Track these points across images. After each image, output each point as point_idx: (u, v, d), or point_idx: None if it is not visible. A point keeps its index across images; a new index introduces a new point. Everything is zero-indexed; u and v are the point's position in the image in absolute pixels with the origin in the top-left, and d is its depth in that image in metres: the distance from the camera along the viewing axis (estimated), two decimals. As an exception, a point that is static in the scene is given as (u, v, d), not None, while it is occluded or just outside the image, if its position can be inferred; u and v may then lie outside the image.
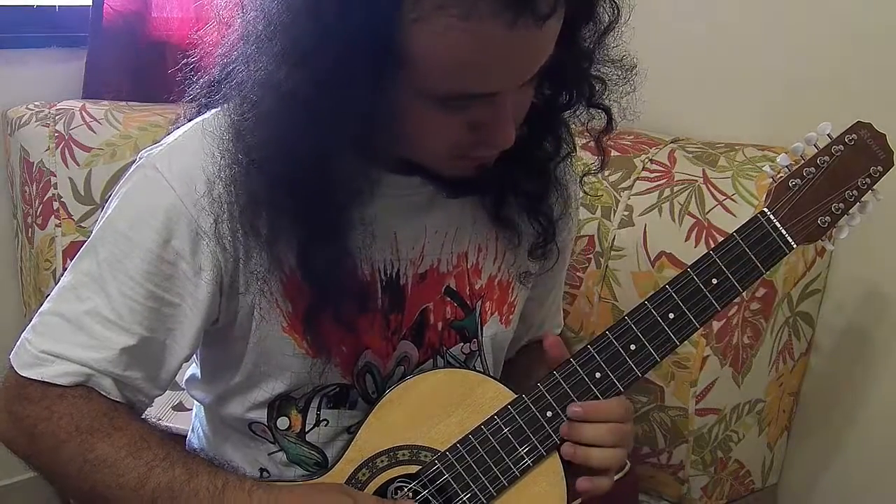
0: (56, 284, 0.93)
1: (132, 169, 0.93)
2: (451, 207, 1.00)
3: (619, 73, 0.93)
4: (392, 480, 0.97)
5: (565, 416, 0.96)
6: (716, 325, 1.49)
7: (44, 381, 0.88)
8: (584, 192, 1.10)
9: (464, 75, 0.78)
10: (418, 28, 0.75)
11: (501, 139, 0.85)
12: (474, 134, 0.85)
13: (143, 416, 0.94)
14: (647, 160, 1.67)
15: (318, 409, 1.01)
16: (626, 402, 0.99)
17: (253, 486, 0.89)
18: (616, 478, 1.50)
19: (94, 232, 0.92)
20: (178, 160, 0.90)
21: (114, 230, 0.90)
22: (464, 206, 1.02)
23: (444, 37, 0.75)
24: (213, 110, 0.93)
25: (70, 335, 0.88)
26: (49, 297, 0.92)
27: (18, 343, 0.91)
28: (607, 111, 0.95)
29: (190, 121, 0.95)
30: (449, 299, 1.03)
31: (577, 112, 0.95)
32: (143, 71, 1.97)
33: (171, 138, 0.93)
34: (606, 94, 0.94)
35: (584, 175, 1.07)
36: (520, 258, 1.07)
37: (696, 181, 1.57)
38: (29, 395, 0.89)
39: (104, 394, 0.89)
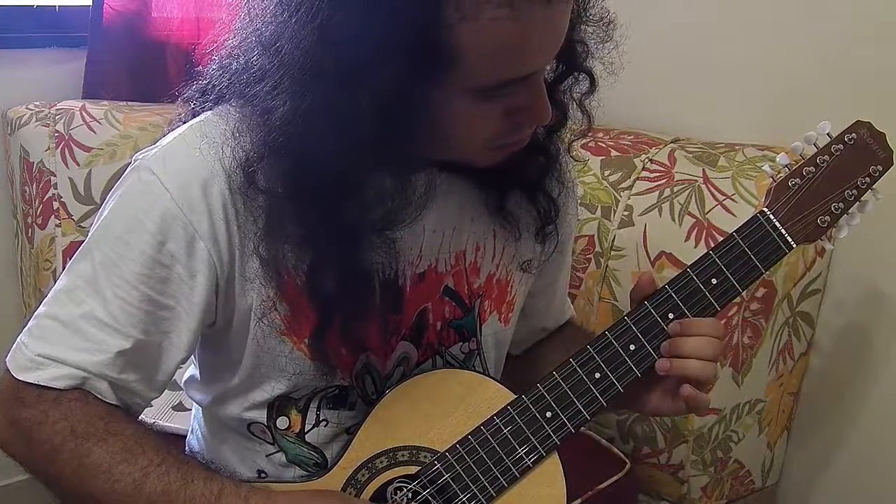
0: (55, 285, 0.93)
1: (127, 171, 0.93)
2: (448, 207, 1.00)
3: (600, 30, 0.94)
4: (392, 481, 0.97)
5: (564, 416, 0.96)
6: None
7: (39, 385, 0.88)
8: (572, 157, 1.09)
9: (511, 62, 0.80)
10: (464, 27, 0.76)
11: (542, 115, 0.87)
12: (511, 119, 0.86)
13: (139, 419, 0.94)
14: (647, 160, 1.67)
15: (318, 409, 1.01)
16: (720, 322, 0.99)
17: (249, 491, 0.89)
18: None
19: (89, 235, 0.92)
20: (172, 163, 0.89)
21: (109, 233, 0.90)
22: (461, 204, 1.01)
23: (491, 29, 0.77)
24: (209, 112, 0.93)
25: (65, 338, 0.88)
26: (45, 301, 0.92)
27: (14, 346, 0.91)
28: (590, 74, 0.96)
29: (184, 123, 0.95)
30: (447, 299, 1.03)
31: (566, 81, 0.96)
32: (142, 71, 1.97)
33: (165, 140, 0.93)
34: (588, 56, 0.95)
35: (571, 142, 1.06)
36: (521, 248, 1.07)
37: (696, 181, 1.57)
38: (25, 398, 0.88)
39: (100, 397, 0.89)
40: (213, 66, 0.94)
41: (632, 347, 0.97)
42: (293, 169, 0.84)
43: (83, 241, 0.93)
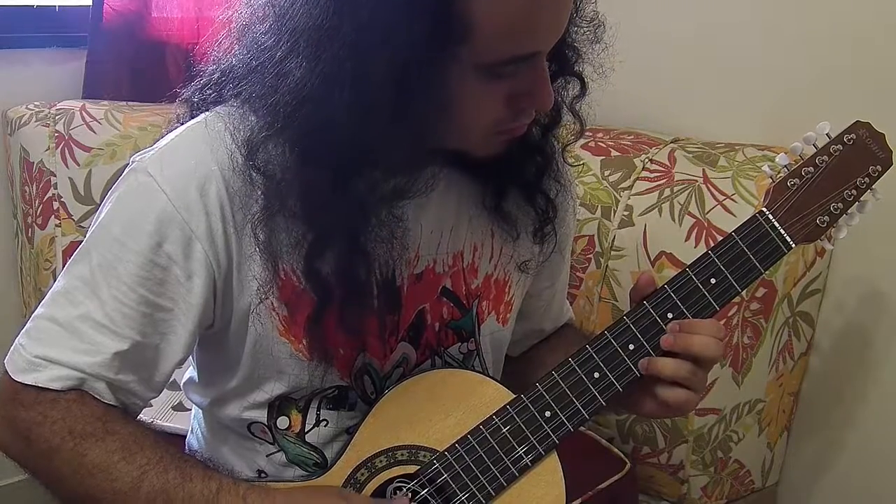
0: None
1: (124, 173, 0.93)
2: (446, 206, 1.00)
3: (590, 31, 0.94)
4: (391, 480, 0.97)
5: (563, 416, 0.96)
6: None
7: (37, 386, 0.88)
8: (566, 162, 1.09)
9: (519, 36, 0.81)
10: None
11: (544, 100, 0.88)
12: (514, 104, 0.87)
13: (137, 419, 0.94)
14: (647, 160, 1.67)
15: (318, 409, 1.01)
16: (719, 323, 0.99)
17: (248, 489, 0.89)
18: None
19: (87, 236, 0.92)
20: (170, 164, 0.89)
21: (106, 235, 0.90)
22: (459, 204, 1.02)
23: (502, 0, 0.78)
24: (208, 113, 0.93)
25: (63, 340, 0.88)
26: (42, 302, 0.92)
27: (12, 348, 0.91)
28: (580, 78, 0.96)
29: (182, 124, 0.95)
30: (445, 299, 1.03)
31: (558, 83, 0.96)
32: (143, 71, 1.97)
33: (163, 142, 0.93)
34: (578, 60, 0.95)
35: (566, 146, 1.06)
36: (519, 248, 1.07)
37: (696, 181, 1.57)
38: (23, 399, 0.89)
39: (98, 397, 0.89)
40: (213, 66, 0.95)
41: (631, 347, 0.97)
42: (306, 134, 0.84)
43: (83, 242, 0.93)
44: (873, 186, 1.03)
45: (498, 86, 0.85)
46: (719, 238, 1.00)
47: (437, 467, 0.96)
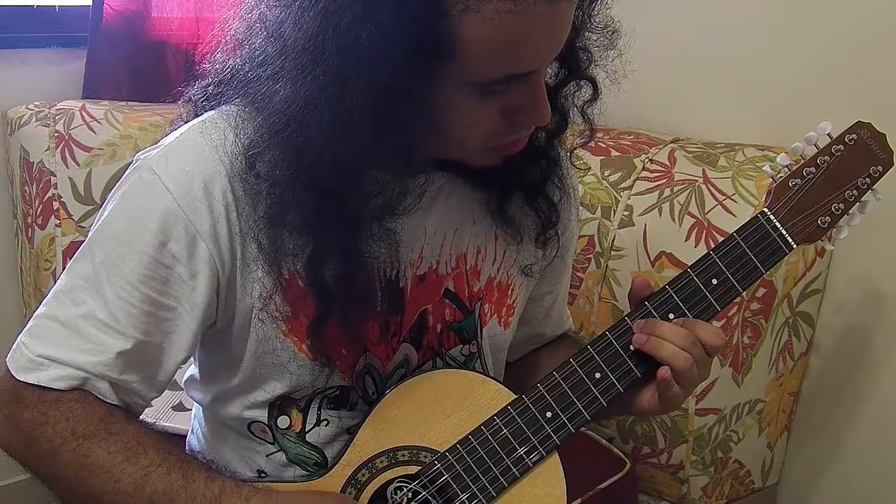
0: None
1: (128, 171, 0.93)
2: (450, 208, 1.00)
3: (604, 38, 0.94)
4: (392, 481, 0.97)
5: (564, 416, 0.96)
6: (715, 324, 1.49)
7: (40, 386, 0.87)
8: (574, 166, 1.09)
9: (511, 57, 0.80)
10: (466, 18, 0.77)
11: (540, 116, 0.87)
12: (509, 119, 0.86)
13: (140, 419, 0.94)
14: (647, 160, 1.67)
15: (319, 409, 1.01)
16: (720, 330, 0.97)
17: (250, 492, 0.89)
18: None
19: (89, 234, 0.92)
20: (174, 162, 0.89)
21: (110, 233, 0.89)
22: (463, 206, 1.01)
23: (492, 21, 0.77)
24: (212, 112, 0.93)
25: (66, 339, 0.88)
26: (45, 301, 0.92)
27: (15, 346, 0.91)
28: (593, 81, 0.96)
29: (186, 123, 0.95)
30: (448, 301, 1.03)
31: (568, 87, 0.96)
32: (143, 71, 1.97)
33: (167, 140, 0.93)
34: (591, 63, 0.94)
35: (573, 150, 1.06)
36: (522, 252, 1.07)
37: (696, 181, 1.57)
38: (25, 398, 0.88)
39: (100, 397, 0.89)
40: (216, 65, 0.95)
41: (632, 348, 0.97)
42: (292, 154, 0.84)
43: (83, 241, 0.92)
44: (874, 187, 1.03)
45: (491, 101, 0.84)
46: (719, 238, 1.00)
47: (438, 468, 0.96)
